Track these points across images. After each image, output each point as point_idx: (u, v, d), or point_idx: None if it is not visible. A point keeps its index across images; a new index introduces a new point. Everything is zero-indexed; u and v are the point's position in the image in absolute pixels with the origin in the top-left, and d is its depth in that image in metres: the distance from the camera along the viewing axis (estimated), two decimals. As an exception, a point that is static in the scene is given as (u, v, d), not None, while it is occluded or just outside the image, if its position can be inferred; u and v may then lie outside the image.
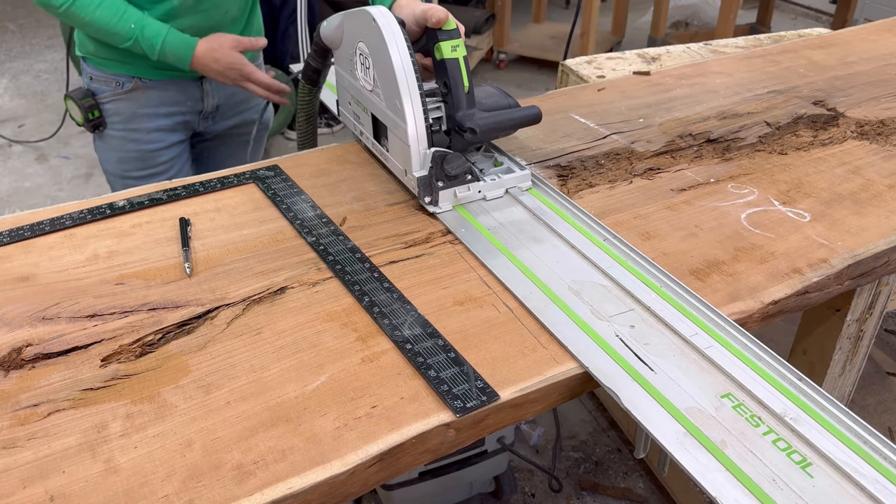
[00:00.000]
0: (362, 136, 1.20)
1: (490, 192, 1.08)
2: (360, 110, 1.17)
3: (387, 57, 1.00)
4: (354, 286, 0.91)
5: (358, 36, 1.08)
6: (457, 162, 1.02)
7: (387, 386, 0.77)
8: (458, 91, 1.03)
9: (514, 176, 1.10)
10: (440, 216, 1.04)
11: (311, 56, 1.26)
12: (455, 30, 1.03)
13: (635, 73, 1.59)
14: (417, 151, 1.02)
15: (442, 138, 1.06)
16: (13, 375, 0.78)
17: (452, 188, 1.05)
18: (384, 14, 1.02)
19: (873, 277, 1.03)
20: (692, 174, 1.18)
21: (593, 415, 2.06)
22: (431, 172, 1.02)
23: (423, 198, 1.04)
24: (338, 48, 1.18)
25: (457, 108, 1.03)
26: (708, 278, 0.94)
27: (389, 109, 1.05)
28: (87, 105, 1.47)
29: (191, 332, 0.84)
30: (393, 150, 1.09)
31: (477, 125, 1.02)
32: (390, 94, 1.03)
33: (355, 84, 1.15)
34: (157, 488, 0.66)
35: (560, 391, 0.79)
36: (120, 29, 1.33)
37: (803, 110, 1.39)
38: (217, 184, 1.13)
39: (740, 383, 0.75)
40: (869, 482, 0.65)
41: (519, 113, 1.08)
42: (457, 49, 1.02)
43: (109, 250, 0.99)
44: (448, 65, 1.02)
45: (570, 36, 2.77)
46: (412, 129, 1.00)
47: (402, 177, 1.08)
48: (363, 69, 1.09)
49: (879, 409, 2.04)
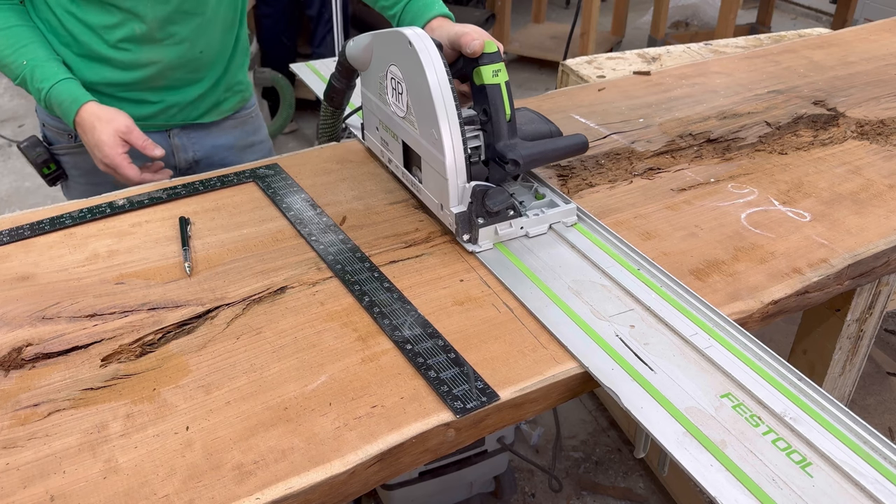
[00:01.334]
0: (390, 164, 1.12)
1: (533, 228, 0.99)
2: (390, 137, 1.09)
3: (423, 83, 0.92)
4: (354, 286, 0.91)
5: (390, 58, 1.00)
6: (499, 198, 0.93)
7: (387, 386, 0.77)
8: (500, 119, 0.95)
9: (559, 211, 1.01)
10: (479, 255, 0.96)
11: (335, 76, 1.17)
12: (496, 53, 0.96)
13: (635, 73, 1.59)
14: (456, 185, 0.94)
15: (480, 169, 0.98)
16: (13, 375, 0.78)
17: (493, 225, 0.96)
18: (420, 36, 0.93)
19: (873, 277, 1.03)
20: (692, 174, 1.18)
21: (593, 415, 2.06)
22: (471, 208, 0.94)
23: (461, 235, 0.96)
24: (365, 70, 1.10)
25: (498, 137, 0.96)
26: (708, 278, 0.94)
27: (424, 139, 0.97)
28: (41, 160, 1.29)
29: (191, 332, 0.84)
30: (427, 182, 1.01)
31: (520, 157, 0.94)
32: (426, 122, 0.95)
33: (384, 109, 1.07)
34: (157, 488, 0.66)
35: (560, 391, 0.79)
36: (11, 62, 1.15)
37: (803, 110, 1.39)
38: (217, 183, 1.13)
39: (740, 383, 0.75)
40: (869, 482, 0.65)
41: (563, 143, 1.00)
42: (498, 74, 0.95)
43: (109, 249, 0.99)
44: (489, 91, 0.95)
45: (570, 36, 2.77)
46: (450, 162, 0.92)
47: (437, 211, 1.00)
48: (395, 94, 1.01)
49: (880, 409, 2.04)
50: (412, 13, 1.14)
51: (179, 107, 1.30)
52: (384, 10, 1.19)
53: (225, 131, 1.40)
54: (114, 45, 1.18)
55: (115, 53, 1.19)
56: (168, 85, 1.27)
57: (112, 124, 1.14)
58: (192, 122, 1.34)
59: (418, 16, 1.13)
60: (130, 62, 1.20)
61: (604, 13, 4.66)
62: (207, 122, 1.36)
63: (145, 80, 1.23)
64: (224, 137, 1.40)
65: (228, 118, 1.40)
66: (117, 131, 1.14)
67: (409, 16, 1.15)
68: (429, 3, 1.14)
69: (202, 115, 1.34)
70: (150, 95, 1.26)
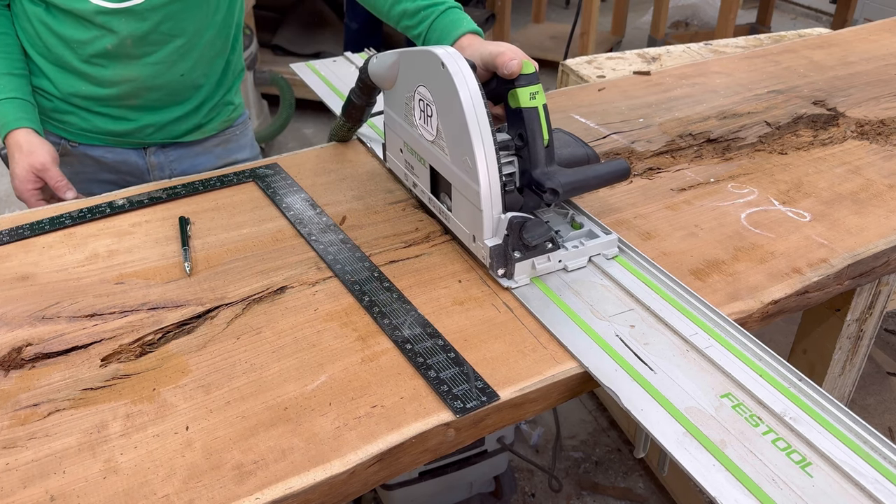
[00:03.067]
0: (415, 188, 1.06)
1: (572, 261, 0.93)
2: (416, 160, 1.02)
3: (457, 107, 0.86)
4: (354, 286, 0.91)
5: (419, 79, 0.94)
6: (538, 231, 0.86)
7: (387, 386, 0.77)
8: (537, 145, 0.90)
9: (599, 242, 0.94)
10: (515, 291, 0.90)
11: (356, 92, 1.11)
12: (534, 73, 0.90)
13: (635, 72, 1.59)
14: (490, 216, 0.88)
15: (515, 198, 0.91)
16: (13, 375, 0.78)
17: (530, 259, 0.90)
18: (453, 57, 0.87)
19: (873, 277, 1.03)
20: (692, 174, 1.18)
21: (593, 415, 2.06)
22: (507, 241, 0.88)
23: (496, 270, 0.90)
24: (389, 89, 1.03)
25: (534, 164, 0.90)
26: (708, 278, 0.94)
27: (456, 165, 0.90)
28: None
29: (191, 332, 0.84)
30: (458, 211, 0.94)
31: (559, 186, 0.88)
32: (458, 149, 0.89)
33: (410, 131, 1.00)
34: (157, 488, 0.66)
35: (560, 391, 0.79)
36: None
37: (803, 110, 1.39)
38: (216, 182, 1.13)
39: (740, 383, 0.75)
40: (869, 482, 0.65)
41: (604, 170, 0.94)
42: (536, 96, 0.89)
43: (109, 249, 0.99)
44: (526, 115, 0.89)
45: (570, 36, 2.76)
46: (485, 192, 0.86)
47: (469, 243, 0.93)
48: (423, 117, 0.95)
49: (879, 408, 2.04)
50: (438, 31, 1.06)
51: (157, 126, 1.26)
52: (407, 31, 1.11)
53: (206, 150, 1.35)
54: (86, 59, 1.15)
55: (88, 68, 1.16)
56: (144, 105, 1.22)
57: (29, 158, 1.12)
58: (171, 142, 1.29)
59: (446, 33, 1.04)
60: (103, 78, 1.17)
61: (604, 13, 4.66)
62: (188, 141, 1.31)
63: (119, 96, 1.19)
64: (205, 157, 1.35)
65: (211, 137, 1.35)
66: (32, 167, 1.12)
67: (436, 34, 1.06)
68: (456, 20, 1.05)
69: (182, 135, 1.29)
70: (126, 113, 1.22)
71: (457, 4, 1.07)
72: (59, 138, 1.24)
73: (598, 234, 0.96)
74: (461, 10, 1.07)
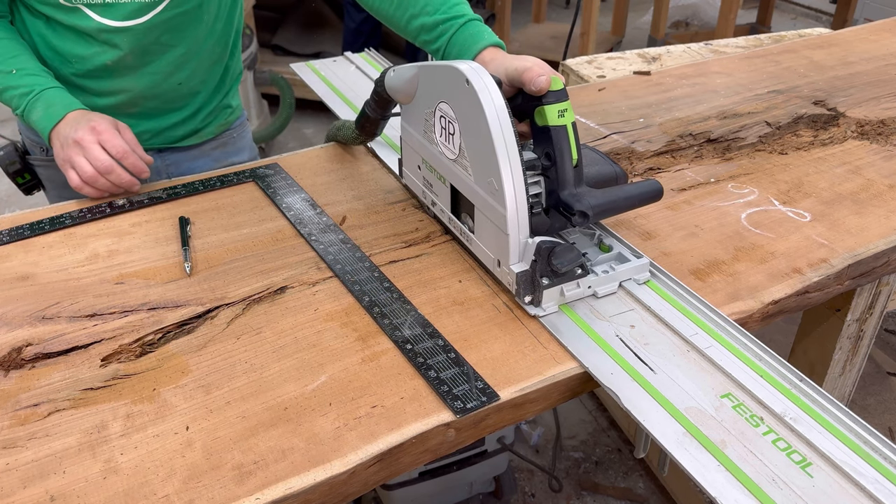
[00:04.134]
0: (434, 207, 1.01)
1: (602, 287, 0.88)
2: (435, 178, 0.98)
3: (482, 127, 0.82)
4: (354, 286, 0.91)
5: (440, 95, 0.90)
6: (568, 256, 0.81)
7: (387, 386, 0.77)
8: (566, 165, 0.85)
9: (630, 267, 0.90)
10: (543, 320, 0.85)
11: (370, 106, 1.06)
12: (563, 90, 0.85)
13: (635, 72, 1.59)
14: (517, 241, 0.83)
15: (541, 220, 0.87)
16: (13, 375, 0.78)
17: (559, 285, 0.85)
18: (479, 73, 0.83)
19: (873, 277, 1.03)
20: (692, 174, 1.18)
21: (593, 415, 2.06)
22: (534, 267, 0.83)
23: (523, 297, 0.86)
24: (408, 103, 0.99)
25: (562, 185, 0.85)
26: (708, 278, 0.93)
27: (480, 186, 0.86)
28: (13, 170, 1.24)
29: (191, 332, 0.84)
30: (481, 233, 0.90)
31: (589, 208, 0.83)
32: (483, 169, 0.85)
33: (430, 148, 0.96)
34: (157, 488, 0.66)
35: (560, 391, 0.79)
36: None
37: (804, 110, 1.39)
38: (217, 182, 1.13)
39: (740, 383, 0.75)
40: (869, 482, 0.65)
41: (635, 191, 0.90)
42: (564, 114, 0.85)
43: (109, 249, 0.99)
44: (554, 133, 0.84)
45: (570, 36, 2.76)
46: (512, 215, 0.82)
47: (493, 267, 0.89)
48: (445, 134, 0.91)
49: (880, 409, 2.04)
50: (459, 45, 1.01)
51: (154, 132, 1.24)
52: (426, 46, 1.05)
53: (204, 153, 1.34)
54: (84, 73, 1.14)
55: (85, 81, 1.14)
56: (142, 112, 1.21)
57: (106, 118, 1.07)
58: (167, 146, 1.28)
59: (466, 47, 1.00)
60: (101, 89, 1.16)
61: (604, 13, 4.66)
62: (185, 145, 1.30)
63: (116, 105, 1.18)
64: (202, 160, 1.34)
65: (209, 140, 1.33)
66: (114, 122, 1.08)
67: (456, 49, 1.01)
68: (476, 33, 1.00)
69: (179, 139, 1.28)
70: (123, 119, 1.18)
71: (476, 16, 1.03)
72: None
73: (628, 258, 0.91)
74: (481, 22, 1.02)
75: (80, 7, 1.06)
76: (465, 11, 1.03)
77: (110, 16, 1.07)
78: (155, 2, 1.08)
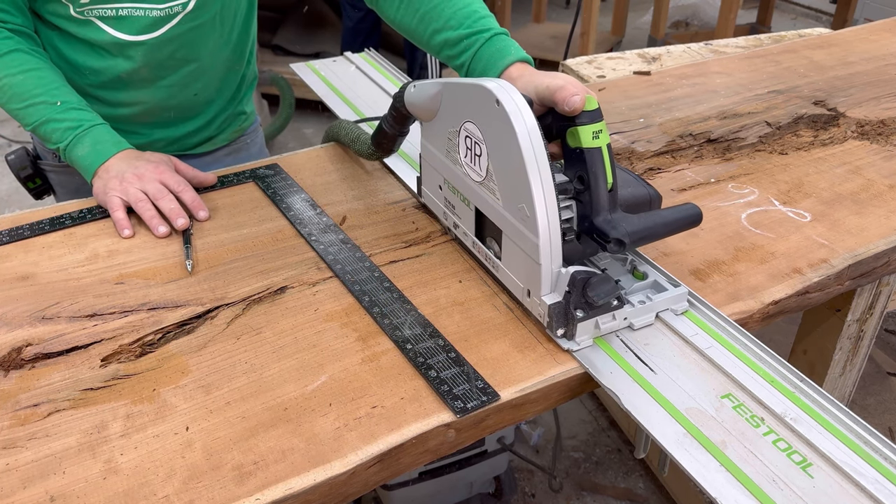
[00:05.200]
0: (456, 230, 0.97)
1: (638, 319, 0.83)
2: (458, 200, 0.93)
3: (514, 151, 0.77)
4: (354, 286, 0.90)
5: (466, 114, 0.85)
6: (605, 288, 0.76)
7: (387, 386, 0.77)
8: (600, 189, 0.80)
9: (668, 297, 0.84)
10: (576, 354, 0.80)
11: (388, 121, 1.01)
12: (597, 110, 0.80)
13: (635, 72, 1.59)
14: (550, 271, 0.78)
15: (573, 247, 0.83)
16: (13, 375, 0.78)
17: (594, 318, 0.80)
18: (509, 93, 0.78)
19: (874, 277, 1.03)
20: (692, 174, 1.18)
21: (593, 415, 2.06)
22: (568, 299, 0.78)
23: (555, 330, 0.80)
24: (429, 121, 0.94)
25: (597, 210, 0.80)
26: (708, 278, 0.93)
27: (509, 212, 0.82)
28: (24, 175, 1.24)
29: (191, 332, 0.84)
30: (509, 261, 0.85)
31: (625, 236, 0.78)
32: (513, 195, 0.80)
33: (453, 168, 0.91)
34: (157, 488, 0.66)
35: (560, 391, 0.79)
36: (44, 100, 1.05)
37: (804, 110, 1.39)
38: (217, 182, 1.13)
39: (741, 383, 0.75)
40: (869, 482, 0.65)
41: (674, 216, 0.84)
42: (599, 135, 0.80)
43: (109, 249, 0.99)
44: (588, 156, 0.79)
45: (570, 36, 2.76)
46: (545, 245, 0.77)
47: (522, 297, 0.84)
48: (470, 155, 0.86)
49: (880, 409, 2.04)
50: (484, 61, 0.96)
51: (168, 140, 1.24)
52: (449, 61, 1.01)
53: (217, 160, 1.33)
54: (98, 85, 1.13)
55: (100, 92, 1.14)
56: (157, 122, 1.21)
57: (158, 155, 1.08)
58: (181, 154, 1.26)
59: (492, 63, 0.95)
60: (115, 101, 1.15)
61: (604, 13, 4.66)
62: (199, 152, 1.29)
63: (131, 116, 1.17)
64: (214, 166, 1.28)
65: (222, 147, 1.33)
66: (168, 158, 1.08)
67: (481, 64, 0.96)
68: (503, 48, 0.95)
69: (193, 147, 1.28)
70: (138, 128, 1.20)
71: (502, 30, 0.98)
72: None
73: (665, 287, 0.85)
74: (507, 36, 0.97)
75: (93, 20, 1.04)
76: (491, 25, 0.98)
77: (124, 29, 1.06)
78: (169, 16, 1.06)
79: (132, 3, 1.02)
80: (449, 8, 0.98)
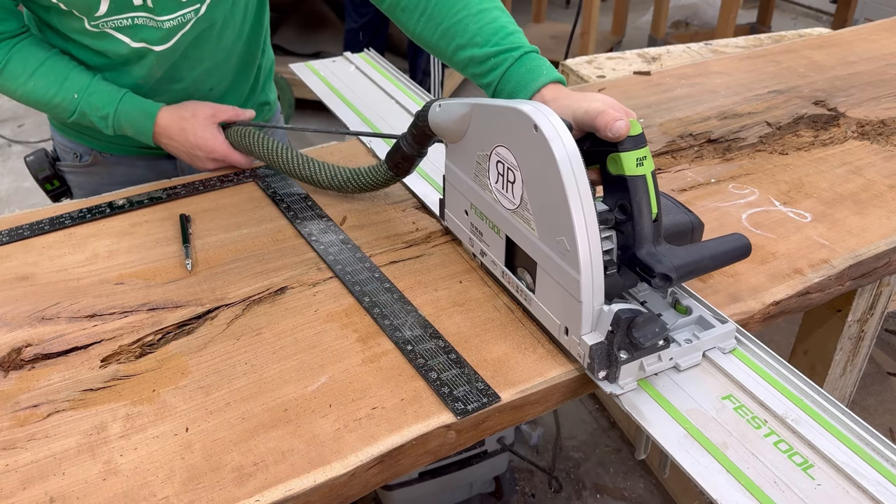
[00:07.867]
0: (483, 257, 0.91)
1: (684, 359, 0.77)
2: (486, 227, 0.87)
3: (554, 181, 0.71)
4: (355, 286, 0.90)
5: (498, 138, 0.79)
6: (651, 328, 0.70)
7: (387, 387, 0.76)
8: (644, 220, 0.75)
9: (715, 335, 0.78)
10: (620, 398, 0.74)
11: (407, 141, 0.95)
12: (641, 135, 0.75)
13: (635, 73, 1.59)
14: (591, 309, 0.73)
15: (614, 281, 0.78)
16: (13, 376, 0.78)
17: (638, 360, 0.74)
18: (548, 118, 0.72)
19: (874, 278, 1.03)
20: (693, 174, 1.17)
21: (593, 415, 2.06)
22: (611, 339, 0.72)
23: (596, 372, 0.74)
24: (455, 142, 0.89)
25: (640, 242, 0.75)
26: (709, 279, 0.93)
27: (545, 243, 0.76)
28: (43, 176, 1.23)
29: (191, 333, 0.84)
30: (544, 295, 0.79)
31: (672, 270, 0.73)
32: (551, 226, 0.74)
33: (482, 194, 0.86)
34: (156, 490, 0.66)
35: (561, 392, 0.79)
36: (61, 100, 1.05)
37: (804, 110, 1.39)
38: (216, 182, 1.13)
39: (742, 385, 0.75)
40: (870, 484, 0.65)
41: (722, 248, 0.79)
42: (643, 162, 0.75)
43: (109, 250, 0.98)
44: (631, 184, 0.74)
45: (570, 36, 2.76)
46: (586, 282, 0.71)
47: (559, 335, 0.78)
48: (503, 182, 0.80)
49: (880, 409, 2.04)
50: (514, 81, 0.90)
51: None
52: (475, 79, 0.95)
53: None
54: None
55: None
56: None
57: (199, 117, 1.10)
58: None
59: (522, 84, 0.89)
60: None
61: (604, 13, 4.66)
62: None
63: None
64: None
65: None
66: (209, 119, 1.10)
67: (510, 85, 0.91)
68: (535, 68, 0.90)
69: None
70: None
71: (533, 48, 0.92)
72: (89, 149, 1.21)
73: (711, 323, 0.79)
74: (538, 55, 0.92)
75: (109, 31, 1.03)
76: (521, 42, 0.92)
77: (139, 38, 1.05)
78: (182, 24, 1.05)
79: (146, 13, 1.01)
80: (475, 23, 0.92)
